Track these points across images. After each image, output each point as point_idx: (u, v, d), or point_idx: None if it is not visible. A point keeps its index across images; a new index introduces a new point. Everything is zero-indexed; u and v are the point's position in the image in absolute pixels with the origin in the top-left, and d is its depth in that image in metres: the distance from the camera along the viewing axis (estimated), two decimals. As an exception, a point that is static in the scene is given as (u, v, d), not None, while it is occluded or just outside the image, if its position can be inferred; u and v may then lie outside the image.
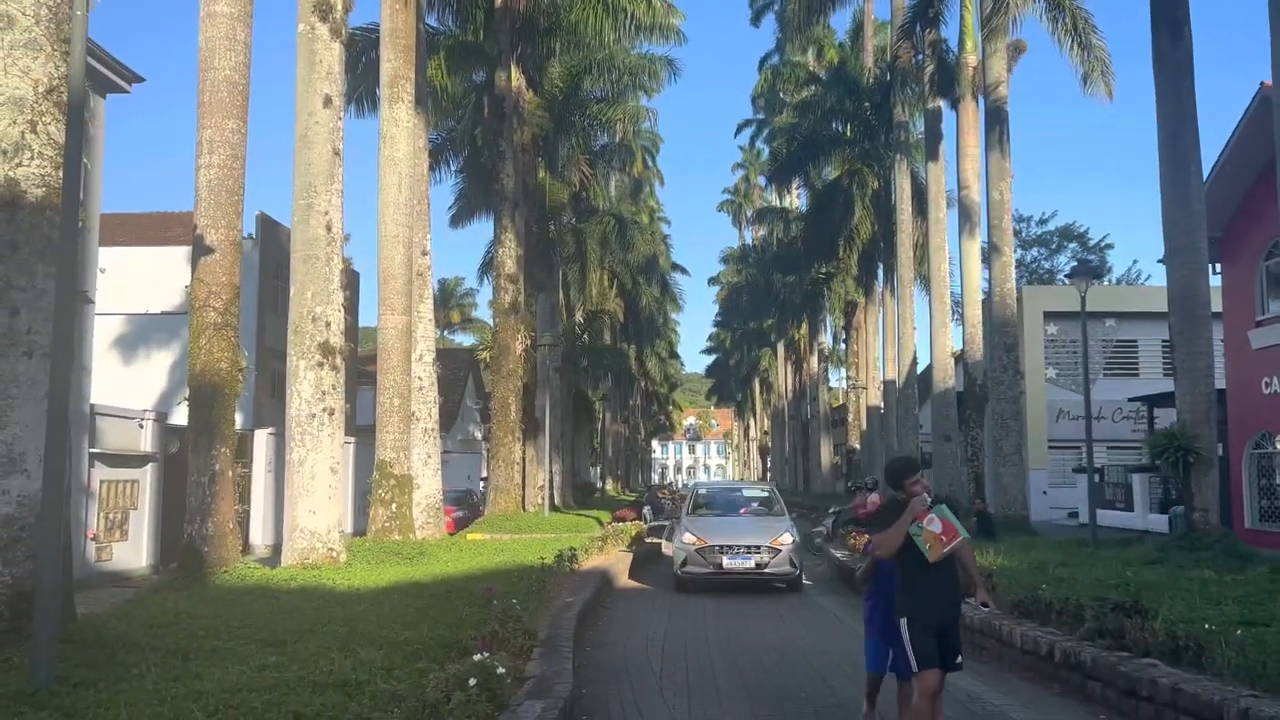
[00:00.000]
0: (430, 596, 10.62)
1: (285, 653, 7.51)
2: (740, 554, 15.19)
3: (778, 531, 15.76)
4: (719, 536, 15.46)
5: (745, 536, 15.59)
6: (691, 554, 15.31)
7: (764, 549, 15.26)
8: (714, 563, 15.16)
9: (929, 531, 5.91)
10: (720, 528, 15.94)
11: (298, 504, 13.75)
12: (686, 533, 15.74)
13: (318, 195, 14.09)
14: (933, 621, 5.99)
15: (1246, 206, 24.97)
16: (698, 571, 15.28)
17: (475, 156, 32.37)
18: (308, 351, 13.94)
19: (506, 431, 26.93)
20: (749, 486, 21.10)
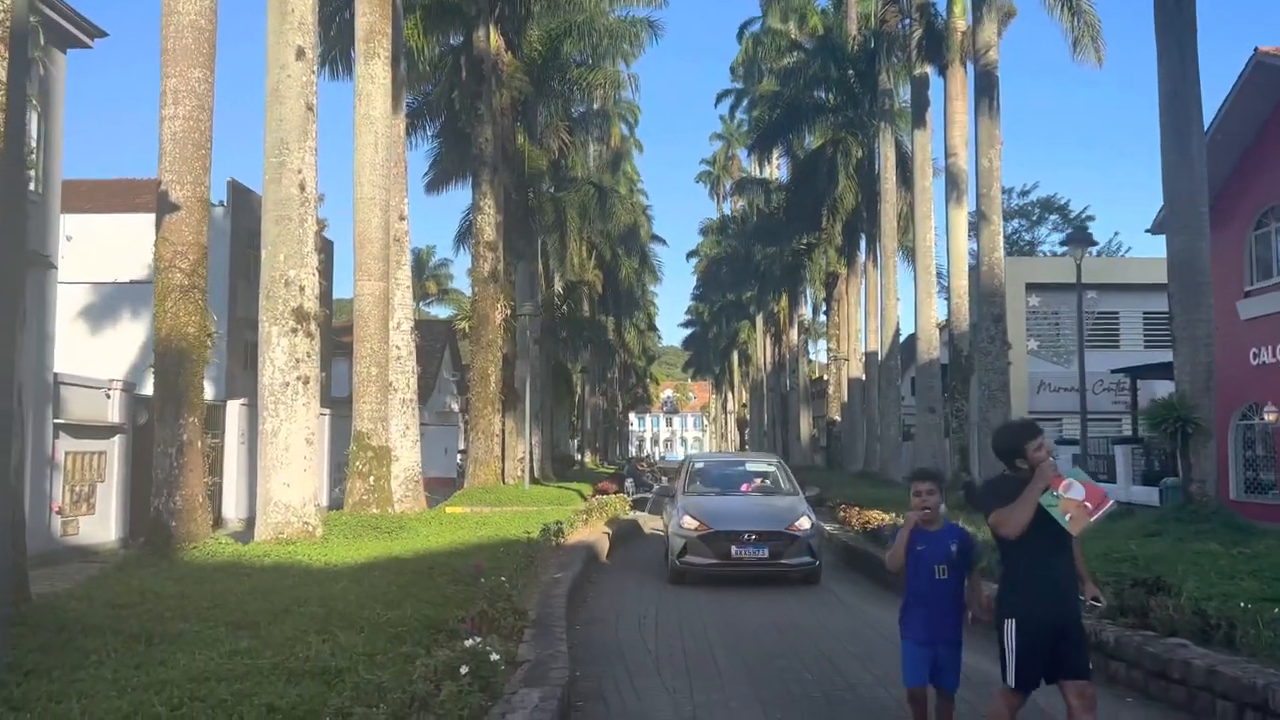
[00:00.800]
0: (412, 573, 10.07)
1: (258, 636, 6.97)
2: (751, 542, 12.82)
3: (794, 515, 13.36)
4: (725, 520, 13.09)
5: (757, 520, 13.24)
6: (693, 541, 12.90)
7: (779, 536, 12.89)
8: (720, 552, 12.80)
9: (1068, 500, 4.83)
10: (726, 510, 13.59)
11: (271, 476, 13.16)
12: (685, 516, 13.21)
13: (290, 153, 13.40)
14: (1053, 622, 4.95)
15: (1235, 176, 24.66)
16: (700, 562, 12.93)
17: (452, 121, 31.54)
18: (280, 317, 13.30)
19: (486, 403, 26.36)
20: (753, 459, 18.03)
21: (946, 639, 5.52)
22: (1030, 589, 4.99)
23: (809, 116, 41.95)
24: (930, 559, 5.50)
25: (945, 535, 5.58)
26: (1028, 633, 4.94)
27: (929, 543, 5.52)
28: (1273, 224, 24.70)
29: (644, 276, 61.70)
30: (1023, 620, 4.96)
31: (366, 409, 17.02)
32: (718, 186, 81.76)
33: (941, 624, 5.51)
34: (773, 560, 12.85)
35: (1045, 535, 4.88)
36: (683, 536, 13.05)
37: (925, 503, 5.49)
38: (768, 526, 13.04)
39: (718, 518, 13.12)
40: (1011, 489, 4.98)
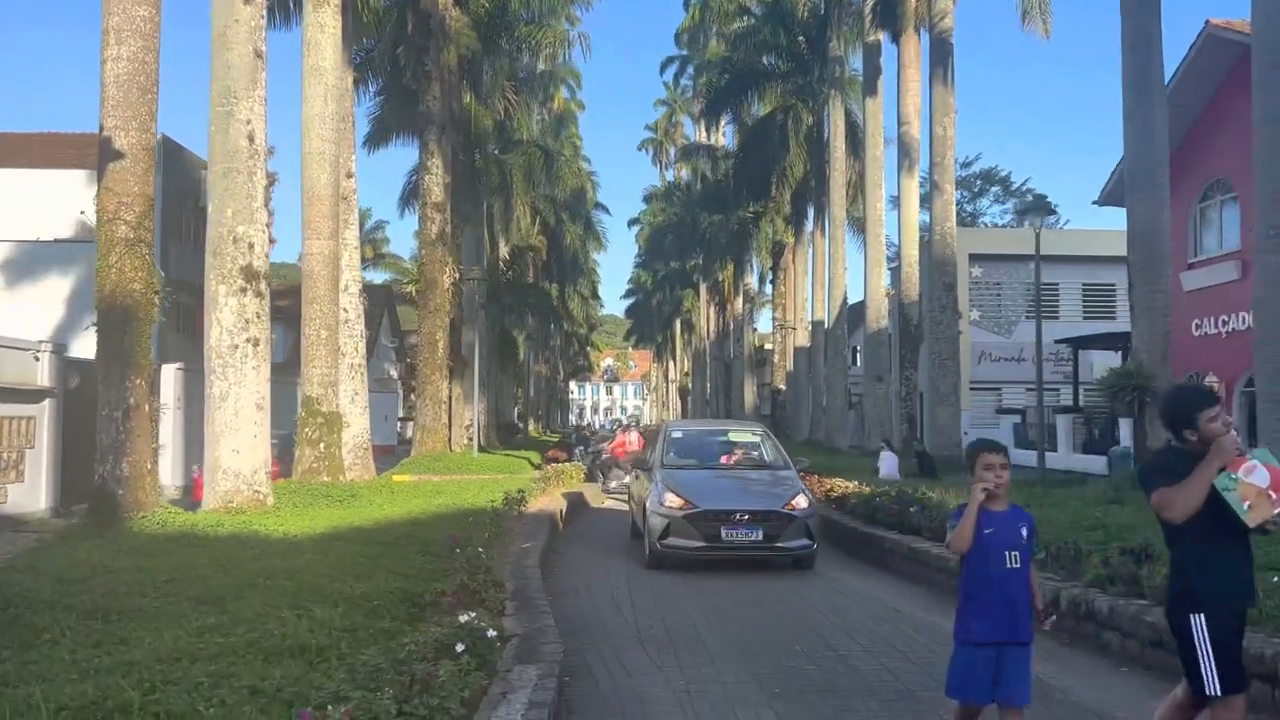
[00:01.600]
0: (378, 544, 9.65)
1: (226, 612, 6.51)
2: (744, 523, 11.34)
3: (790, 492, 11.94)
4: (713, 498, 11.63)
5: (749, 498, 11.81)
6: (677, 521, 11.35)
7: (775, 516, 11.46)
8: (708, 534, 11.31)
9: (1248, 485, 4.09)
10: (712, 486, 12.13)
11: (220, 443, 12.57)
12: (667, 492, 11.66)
13: (238, 102, 12.69)
14: (1238, 616, 4.38)
15: (1183, 149, 24.93)
16: (685, 545, 11.39)
17: (396, 77, 30.53)
18: (229, 276, 12.65)
19: (434, 369, 25.76)
20: (736, 428, 16.20)
21: (1020, 639, 4.59)
22: (1215, 578, 4.32)
23: (758, 83, 41.63)
24: (1001, 543, 4.60)
25: (1014, 517, 4.73)
26: (1219, 628, 4.29)
27: (998, 525, 4.63)
28: (1218, 197, 25.08)
29: (588, 243, 61.13)
30: (1211, 614, 4.29)
31: (316, 373, 16.41)
32: (661, 153, 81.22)
33: (1014, 622, 4.57)
34: (767, 543, 11.40)
35: (1221, 519, 4.22)
36: (664, 516, 11.46)
37: (1000, 478, 4.62)
38: (762, 505, 11.58)
39: (705, 495, 11.68)
40: (1183, 464, 4.28)
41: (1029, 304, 43.35)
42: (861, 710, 6.18)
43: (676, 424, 15.55)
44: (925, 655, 7.52)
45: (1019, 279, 43.35)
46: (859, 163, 38.72)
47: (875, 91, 32.28)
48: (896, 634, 8.29)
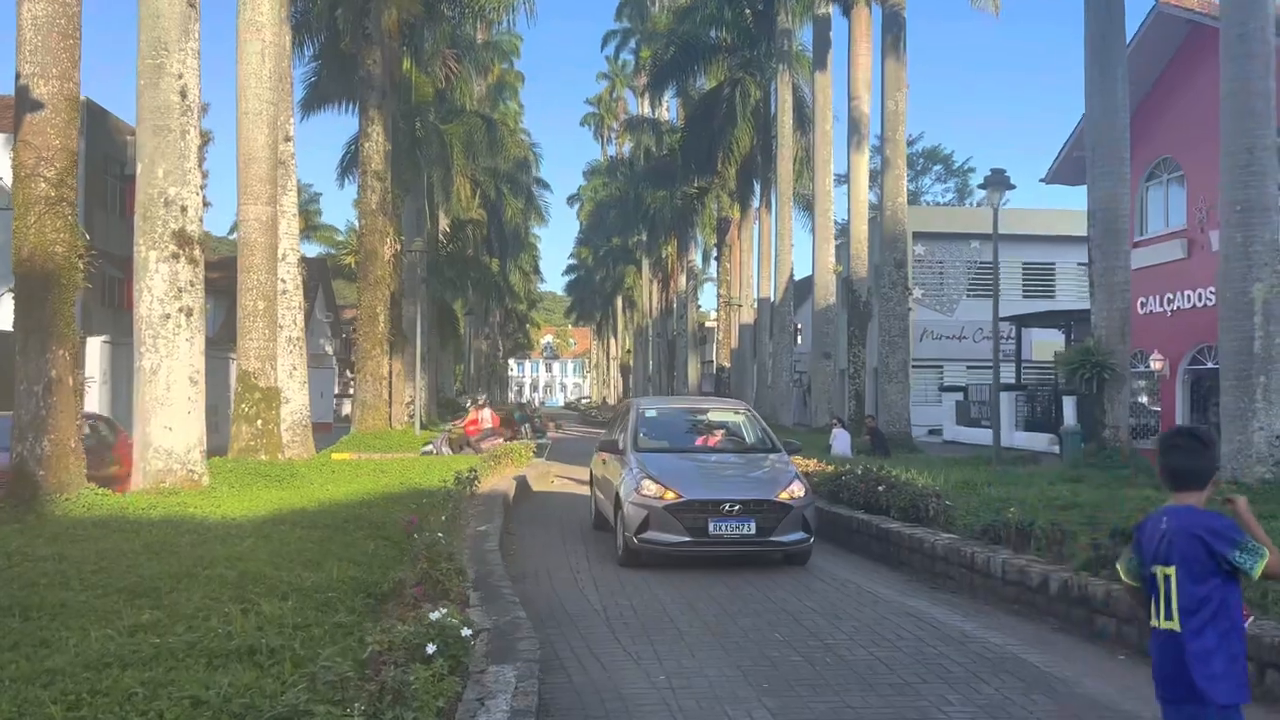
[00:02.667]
0: (324, 528, 8.99)
1: (162, 606, 5.86)
2: (734, 514, 9.94)
3: (784, 479, 10.57)
4: (699, 486, 10.31)
5: (738, 487, 10.46)
6: (657, 513, 9.97)
7: (769, 506, 10.08)
8: (693, 527, 9.93)
9: None
10: (696, 473, 10.81)
11: (151, 419, 11.76)
12: (645, 479, 10.27)
13: (169, 54, 11.80)
14: None
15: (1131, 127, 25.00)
16: (666, 540, 9.97)
17: (334, 41, 29.41)
18: (160, 241, 11.80)
19: (374, 344, 24.93)
20: (716, 406, 14.35)
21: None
22: None
23: (705, 57, 41.02)
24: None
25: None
26: None
27: None
28: (1164, 175, 25.20)
29: (530, 218, 60.20)
30: None
31: (253, 346, 15.58)
32: (603, 128, 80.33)
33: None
34: (760, 538, 10.02)
35: None
36: (642, 507, 10.06)
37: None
38: (754, 494, 10.26)
39: (689, 483, 10.30)
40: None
41: (970, 282, 43.72)
42: (860, 706, 5.76)
43: (648, 401, 13.67)
44: (915, 644, 7.14)
45: (959, 258, 43.62)
46: (806, 138, 38.39)
47: (825, 66, 31.90)
48: (879, 620, 7.91)
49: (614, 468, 11.37)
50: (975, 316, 42.82)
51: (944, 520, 10.40)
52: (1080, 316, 32.39)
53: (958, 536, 9.77)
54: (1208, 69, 23.24)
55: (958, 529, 10.07)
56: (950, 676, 6.35)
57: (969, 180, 59.28)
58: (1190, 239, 24.00)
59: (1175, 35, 23.85)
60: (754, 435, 12.30)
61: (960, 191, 60.81)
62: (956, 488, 12.86)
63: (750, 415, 12.87)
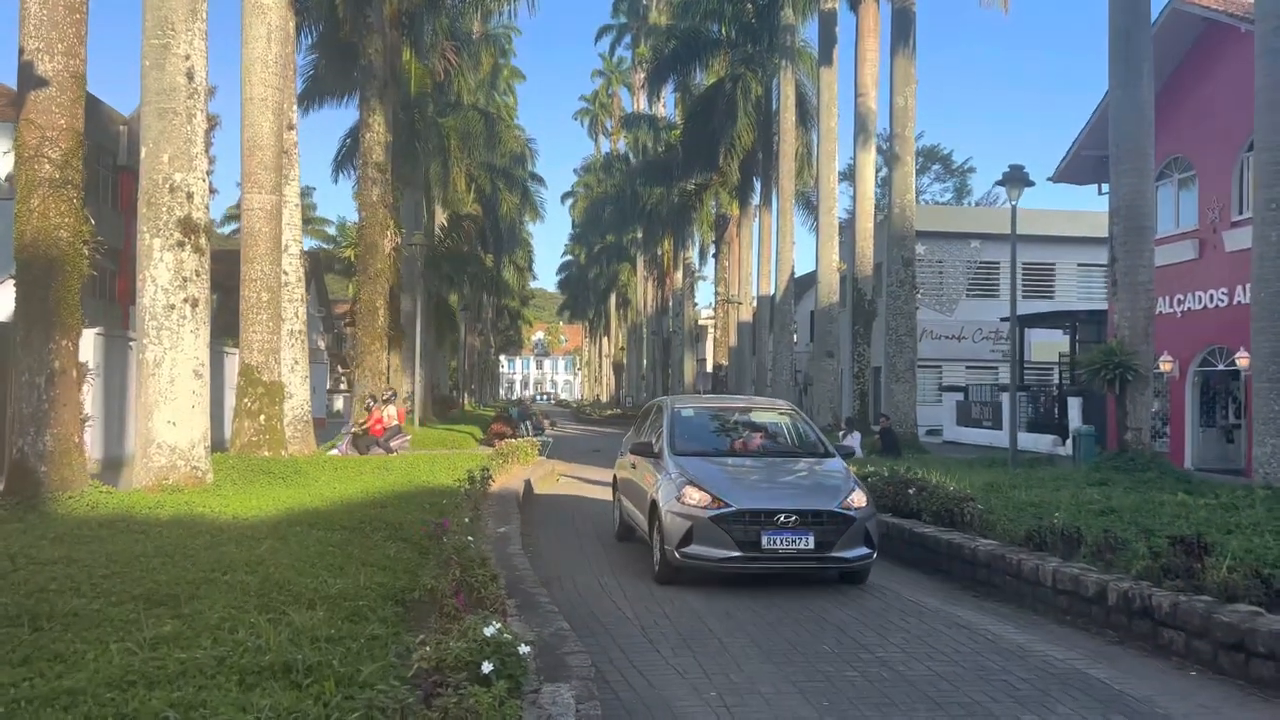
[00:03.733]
0: (341, 529, 8.57)
1: (182, 616, 5.43)
2: (790, 526, 8.79)
3: (843, 487, 9.42)
4: (750, 495, 9.14)
5: (794, 496, 9.31)
6: (702, 524, 8.83)
7: (828, 517, 8.93)
8: (743, 541, 8.77)
9: None
10: (744, 479, 9.64)
11: (154, 414, 11.31)
12: (688, 486, 9.14)
13: (176, 34, 11.34)
14: None
15: (1143, 125, 24.73)
16: (713, 556, 8.83)
17: (333, 31, 28.90)
18: (164, 228, 11.35)
19: (374, 338, 24.45)
20: (758, 405, 12.89)
21: None
22: None
23: (705, 51, 40.65)
24: None
25: None
26: None
27: None
28: (1175, 175, 24.88)
29: (524, 213, 59.66)
30: None
31: (257, 339, 15.12)
32: (597, 125, 79.85)
33: None
34: (819, 554, 8.86)
35: None
36: (685, 517, 8.93)
37: None
38: (812, 504, 9.07)
39: (738, 490, 9.17)
40: None
41: (970, 282, 43.48)
42: (934, 728, 5.39)
43: (682, 399, 12.31)
44: (973, 658, 6.77)
45: (959, 257, 43.37)
46: (808, 135, 38.08)
47: (830, 61, 31.52)
48: (929, 632, 7.54)
49: (647, 473, 10.26)
50: (974, 316, 42.59)
51: (980, 525, 10.03)
52: (1084, 317, 32.26)
53: (999, 542, 9.41)
54: (1222, 67, 23.01)
55: (997, 534, 9.71)
56: (1019, 695, 5.98)
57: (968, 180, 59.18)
58: (1202, 239, 23.69)
59: (1189, 33, 23.54)
60: (803, 438, 11.10)
61: (959, 191, 60.67)
62: (982, 490, 12.51)
63: (798, 416, 11.71)
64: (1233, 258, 22.36)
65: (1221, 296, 22.80)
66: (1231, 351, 22.43)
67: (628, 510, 11.27)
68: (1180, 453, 23.49)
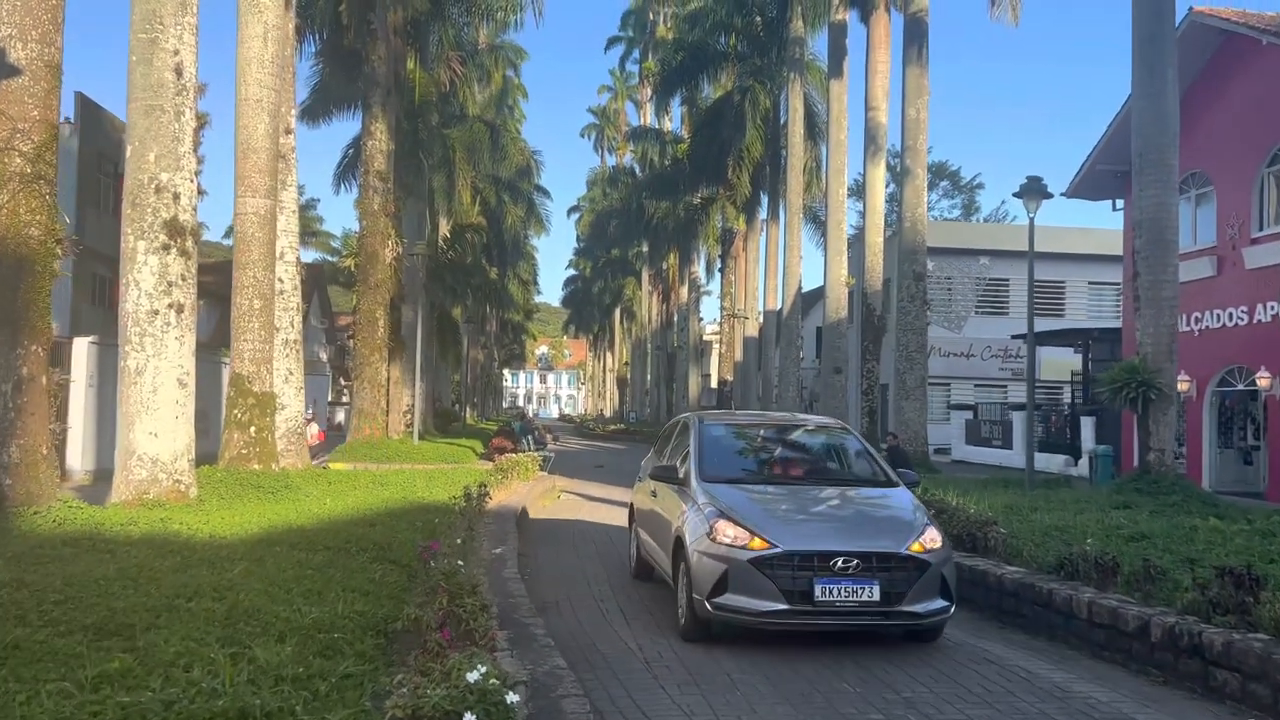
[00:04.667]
0: (324, 550, 8.02)
1: (135, 649, 4.88)
2: (850, 573, 7.14)
3: (913, 525, 7.72)
4: (800, 534, 7.51)
5: (853, 535, 7.60)
6: (740, 569, 7.20)
7: (896, 562, 7.29)
8: (790, 590, 7.10)
9: None
10: (792, 512, 7.98)
11: (135, 424, 10.78)
12: (721, 521, 7.51)
13: (165, 29, 10.87)
14: None
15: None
16: (753, 608, 7.16)
17: (337, 39, 28.50)
18: (150, 230, 10.85)
19: (373, 349, 23.97)
20: (803, 423, 10.83)
21: None
22: None
23: (713, 63, 40.36)
24: None
25: None
26: None
27: None
28: (1193, 190, 24.36)
29: (529, 226, 59.29)
30: None
31: (248, 348, 14.60)
32: (602, 140, 79.57)
33: None
34: (886, 607, 7.15)
35: None
36: (719, 559, 7.28)
37: None
38: (877, 544, 7.40)
39: (785, 527, 7.51)
40: None
41: (979, 298, 42.94)
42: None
43: (712, 415, 10.55)
44: (1007, 699, 6.19)
45: (968, 274, 42.84)
46: (816, 148, 37.65)
47: (840, 73, 31.08)
48: (957, 669, 6.96)
49: (670, 501, 8.67)
50: (983, 334, 42.04)
51: (1005, 551, 9.47)
52: (1097, 335, 31.69)
53: (1025, 570, 8.84)
54: (1242, 81, 22.52)
55: (1023, 561, 9.14)
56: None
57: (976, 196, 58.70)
58: (1220, 256, 23.15)
59: (1207, 46, 23.05)
60: (860, 463, 9.30)
61: (967, 207, 60.17)
62: (1002, 512, 11.94)
63: (851, 437, 9.92)
64: (1253, 275, 21.82)
65: (1241, 315, 22.24)
66: (1251, 371, 21.86)
67: (647, 546, 9.69)
68: (1197, 475, 22.87)
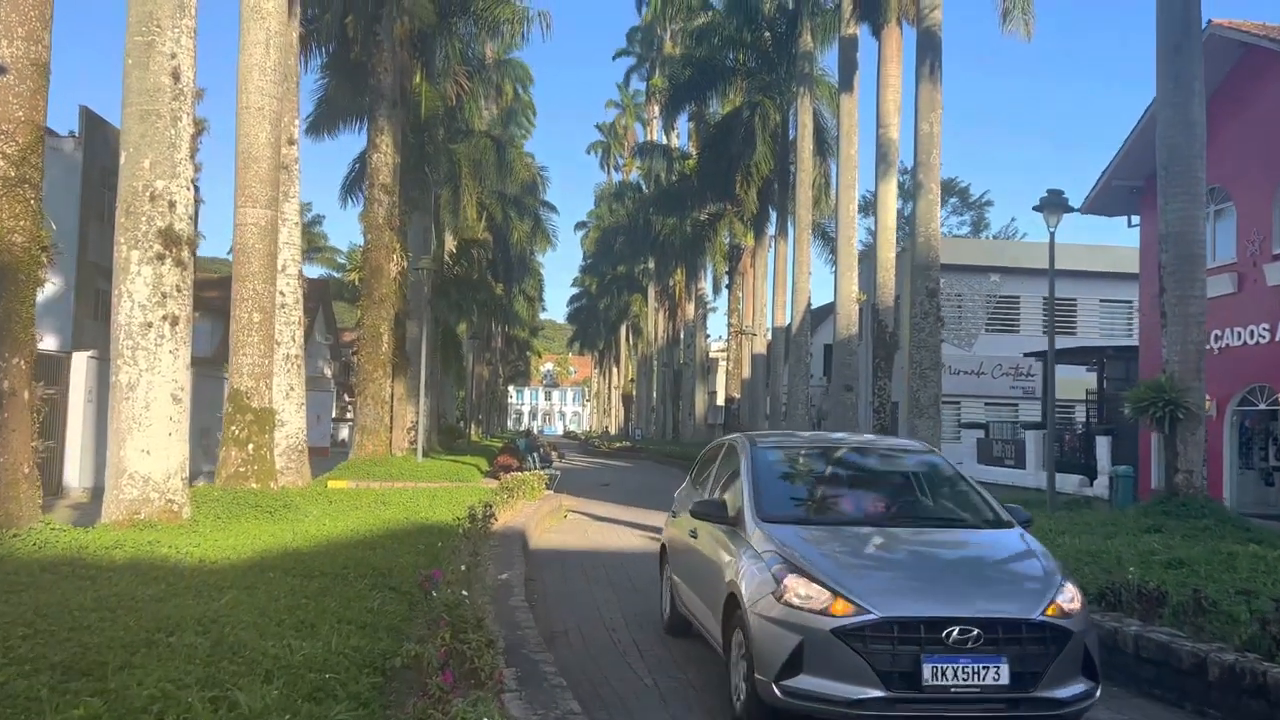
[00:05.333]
0: (321, 576, 7.55)
1: (105, 692, 4.41)
2: (970, 650, 5.30)
3: (1045, 580, 5.88)
4: (896, 593, 5.62)
5: (968, 595, 5.70)
6: (820, 641, 5.37)
7: (1028, 632, 5.45)
8: (889, 669, 5.28)
9: None
10: (884, 566, 6.16)
11: (126, 441, 10.35)
12: (792, 576, 5.67)
13: (162, 31, 10.50)
14: None
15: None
16: (839, 695, 5.29)
17: (343, 52, 28.22)
18: (144, 239, 10.44)
19: (377, 365, 23.55)
20: (881, 447, 8.36)
21: None
22: None
23: (722, 79, 40.12)
24: None
25: None
26: None
27: None
28: (1212, 206, 23.89)
29: (536, 241, 58.98)
30: None
31: (247, 363, 14.17)
32: (608, 157, 79.49)
33: None
34: (1018, 691, 5.35)
35: None
36: (790, 627, 5.48)
37: None
38: (999, 608, 5.56)
39: (876, 584, 5.66)
40: None
41: (989, 316, 42.47)
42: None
43: (766, 437, 8.13)
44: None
45: (978, 291, 42.38)
46: (825, 164, 37.33)
47: (851, 88, 30.73)
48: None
49: (717, 545, 6.78)
50: (995, 351, 41.54)
51: (1038, 578, 8.96)
52: (1112, 353, 31.20)
53: (1063, 599, 8.33)
54: (1262, 94, 22.10)
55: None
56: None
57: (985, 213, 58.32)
58: (1240, 273, 22.69)
59: (1226, 59, 22.66)
60: (958, 496, 7.17)
61: (976, 224, 59.77)
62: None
63: (943, 463, 7.67)
64: (1274, 292, 21.37)
65: (1263, 332, 21.78)
66: (1273, 390, 21.40)
67: (683, 596, 7.77)
68: (1218, 496, 22.29)
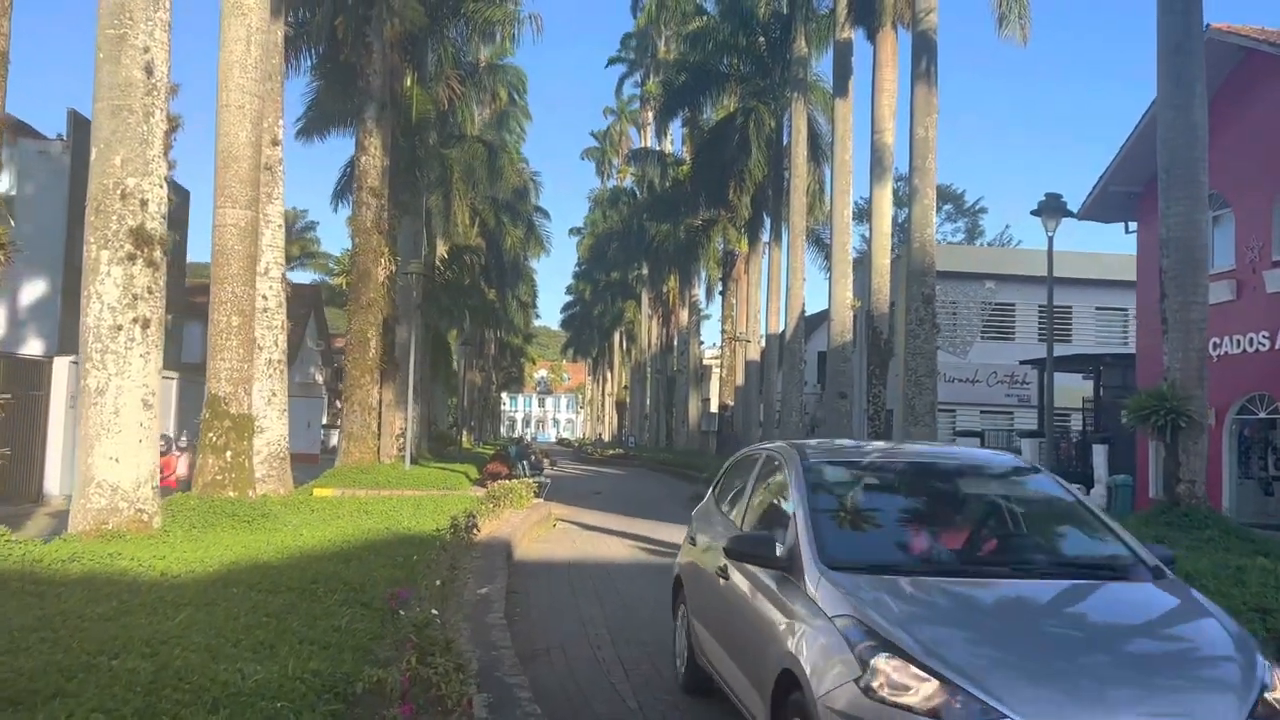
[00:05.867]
0: (287, 591, 7.17)
1: (31, 726, 4.05)
2: None
3: (1239, 660, 4.00)
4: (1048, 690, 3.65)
5: (1146, 689, 3.75)
6: None
7: None
8: None
9: None
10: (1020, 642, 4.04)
11: (94, 448, 9.96)
12: (883, 657, 3.80)
13: (134, 24, 10.14)
14: None
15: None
16: None
17: (333, 53, 27.84)
18: (114, 239, 10.07)
19: (364, 371, 23.16)
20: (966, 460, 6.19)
21: None
22: None
23: (716, 84, 39.91)
24: None
25: None
26: None
27: None
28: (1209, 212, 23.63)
29: (529, 247, 58.64)
30: None
31: (224, 367, 13.76)
32: (604, 164, 79.24)
33: None
34: None
35: None
36: None
37: None
38: (1193, 708, 3.76)
39: (1016, 672, 3.78)
40: None
41: (984, 323, 42.21)
42: None
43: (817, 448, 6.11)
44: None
45: (974, 298, 42.13)
46: (820, 170, 37.07)
47: (846, 93, 30.47)
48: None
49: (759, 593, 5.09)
50: (989, 359, 41.28)
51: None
52: (1109, 361, 30.93)
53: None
54: (1262, 99, 21.85)
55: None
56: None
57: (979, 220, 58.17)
58: (1239, 280, 22.42)
59: (1225, 63, 22.41)
60: (1086, 532, 5.38)
61: (970, 231, 59.60)
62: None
63: (1054, 484, 5.84)
64: (1274, 299, 21.12)
65: (1262, 340, 21.52)
66: (1273, 398, 21.13)
67: (707, 650, 6.12)
68: (1216, 506, 22.03)
